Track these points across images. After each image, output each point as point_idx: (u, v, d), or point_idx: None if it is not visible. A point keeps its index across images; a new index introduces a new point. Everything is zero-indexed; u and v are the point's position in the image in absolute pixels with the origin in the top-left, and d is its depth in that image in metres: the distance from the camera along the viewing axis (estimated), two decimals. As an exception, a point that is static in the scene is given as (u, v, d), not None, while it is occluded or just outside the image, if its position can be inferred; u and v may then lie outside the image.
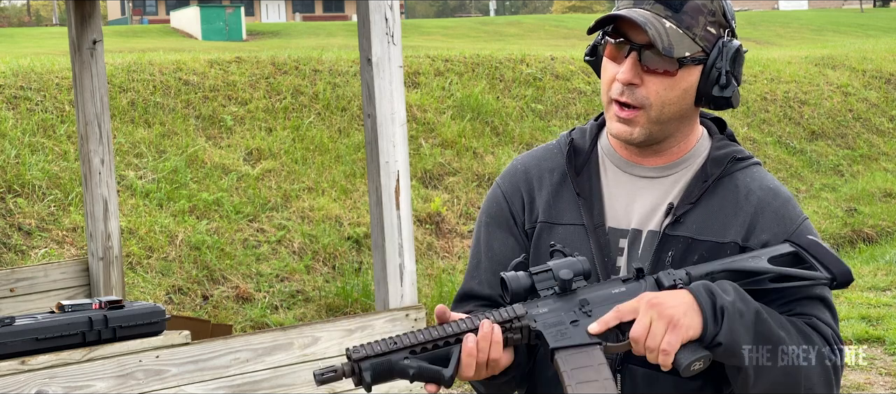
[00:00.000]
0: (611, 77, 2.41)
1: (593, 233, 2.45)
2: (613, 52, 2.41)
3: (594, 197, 2.50)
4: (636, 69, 2.36)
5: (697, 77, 2.38)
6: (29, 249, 9.23)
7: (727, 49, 2.38)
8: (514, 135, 13.82)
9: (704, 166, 2.48)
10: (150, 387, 5.22)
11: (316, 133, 12.18)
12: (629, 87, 2.37)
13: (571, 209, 2.51)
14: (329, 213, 10.91)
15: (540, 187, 2.56)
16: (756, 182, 2.47)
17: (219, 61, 13.04)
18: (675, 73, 2.36)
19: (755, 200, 2.43)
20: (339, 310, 9.60)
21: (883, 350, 8.51)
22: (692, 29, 2.35)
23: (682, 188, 2.47)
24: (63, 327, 5.15)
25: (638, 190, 2.49)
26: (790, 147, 16.42)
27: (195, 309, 9.20)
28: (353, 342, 5.78)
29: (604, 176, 2.53)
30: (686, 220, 2.42)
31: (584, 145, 2.57)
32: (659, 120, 2.40)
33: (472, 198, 12.10)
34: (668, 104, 2.38)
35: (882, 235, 13.91)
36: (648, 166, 2.49)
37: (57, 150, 10.38)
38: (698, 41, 2.36)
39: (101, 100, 7.10)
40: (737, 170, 2.48)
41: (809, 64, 19.36)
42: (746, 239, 2.41)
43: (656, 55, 2.33)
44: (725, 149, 2.50)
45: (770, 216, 2.42)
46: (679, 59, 2.34)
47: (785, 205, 2.45)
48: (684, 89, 2.38)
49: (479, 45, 21.23)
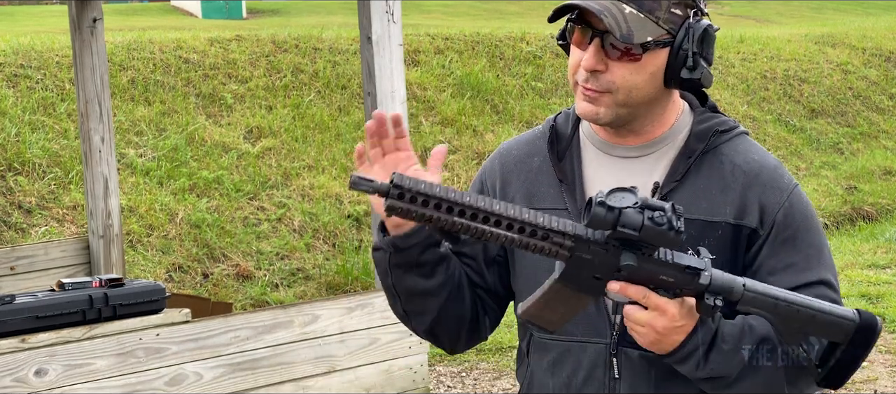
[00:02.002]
0: (576, 63, 2.38)
1: (578, 218, 2.42)
2: (579, 37, 2.38)
3: (576, 181, 2.48)
4: (600, 56, 2.33)
5: (664, 60, 2.35)
6: (29, 228, 9.24)
7: (694, 30, 2.33)
8: (515, 113, 13.82)
9: (688, 142, 2.45)
10: (150, 365, 5.24)
11: (316, 111, 12.18)
12: (593, 73, 2.34)
13: (553, 194, 2.49)
14: (329, 191, 10.92)
15: (518, 171, 2.55)
16: (741, 156, 2.44)
17: (219, 40, 13.02)
18: (639, 58, 2.32)
19: (741, 175, 2.41)
20: (340, 288, 9.62)
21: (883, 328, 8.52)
22: (654, 12, 2.31)
23: (667, 166, 2.44)
24: (63, 305, 5.16)
25: (620, 170, 2.46)
26: (790, 125, 16.41)
27: (195, 287, 9.21)
28: (354, 321, 5.80)
29: (585, 159, 2.51)
30: (672, 198, 2.39)
31: (566, 130, 2.55)
32: (626, 103, 2.36)
33: (472, 176, 12.10)
34: (635, 88, 2.35)
35: (882, 213, 13.92)
36: (629, 146, 2.46)
37: (57, 128, 10.38)
38: (662, 24, 2.32)
39: (101, 78, 7.10)
40: (721, 143, 2.45)
41: (809, 42, 19.34)
42: (739, 217, 2.39)
43: (618, 41, 2.30)
44: (707, 122, 2.47)
45: (759, 190, 2.40)
46: (642, 44, 2.30)
47: (772, 175, 2.42)
48: (651, 73, 2.34)
49: (480, 24, 21.21)
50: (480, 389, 7.43)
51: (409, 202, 2.07)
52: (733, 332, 2.30)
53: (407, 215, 2.09)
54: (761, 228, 2.39)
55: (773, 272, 2.38)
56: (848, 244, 11.86)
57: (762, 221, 2.39)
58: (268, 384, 5.55)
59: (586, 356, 2.44)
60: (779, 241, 2.39)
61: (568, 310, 2.26)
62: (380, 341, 5.86)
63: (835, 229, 13.14)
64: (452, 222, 2.08)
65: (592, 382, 2.44)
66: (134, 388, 5.18)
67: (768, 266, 2.39)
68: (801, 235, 2.40)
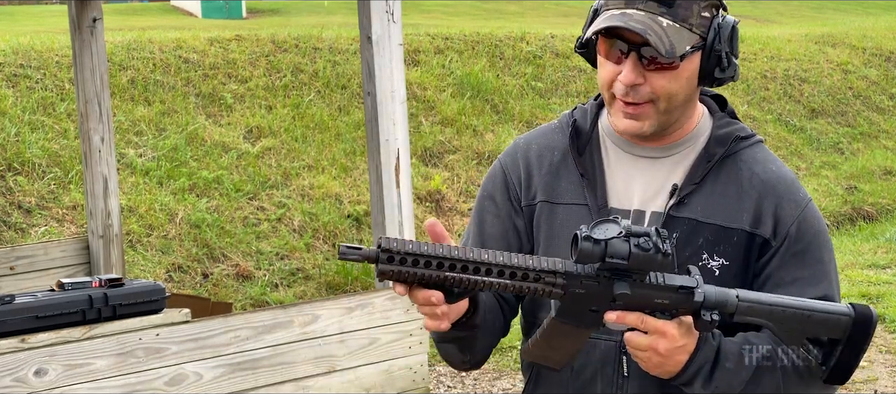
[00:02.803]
0: (611, 76, 2.37)
1: (597, 213, 2.43)
2: (607, 49, 2.37)
3: (597, 177, 2.48)
4: (638, 69, 2.32)
5: (697, 63, 2.35)
6: (29, 228, 9.23)
7: (723, 30, 2.35)
8: (515, 113, 13.81)
9: (707, 146, 2.46)
10: (150, 365, 5.23)
11: (316, 111, 12.17)
12: (633, 87, 2.34)
13: (573, 189, 2.49)
14: (329, 191, 10.91)
15: (540, 165, 2.54)
16: (759, 165, 2.44)
17: (219, 39, 13.02)
18: (677, 67, 2.32)
19: (759, 184, 2.41)
20: (340, 288, 9.61)
21: (883, 328, 8.52)
22: (688, 19, 2.31)
23: (686, 168, 2.45)
24: (63, 305, 5.15)
25: (639, 170, 2.47)
26: (790, 125, 16.40)
27: (195, 287, 9.21)
28: (354, 321, 5.79)
29: (605, 156, 2.50)
30: (690, 201, 2.40)
31: (585, 125, 2.54)
32: (668, 110, 2.37)
33: (472, 176, 12.09)
34: (674, 95, 2.35)
35: (882, 213, 13.92)
36: (650, 146, 2.47)
37: (57, 128, 10.38)
38: (696, 30, 2.32)
39: (101, 78, 7.10)
40: (740, 150, 2.46)
41: (809, 42, 19.33)
42: (755, 226, 2.39)
43: (656, 53, 2.30)
44: (728, 128, 2.48)
45: (775, 201, 2.40)
46: (681, 55, 2.31)
47: (790, 188, 2.43)
48: (687, 78, 2.35)
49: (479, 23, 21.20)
50: (480, 389, 7.43)
51: (400, 264, 2.08)
52: (734, 349, 2.32)
53: (399, 278, 2.10)
54: (774, 240, 2.40)
55: (780, 284, 2.38)
56: (848, 244, 11.86)
57: (776, 233, 2.40)
58: (268, 384, 5.54)
59: (596, 354, 2.45)
60: (789, 254, 2.40)
61: (570, 346, 2.29)
62: (380, 341, 5.86)
63: (835, 229, 13.13)
64: (444, 277, 2.10)
65: (601, 380, 2.45)
66: (134, 388, 5.18)
67: (776, 278, 2.39)
68: (811, 250, 2.41)
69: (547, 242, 2.50)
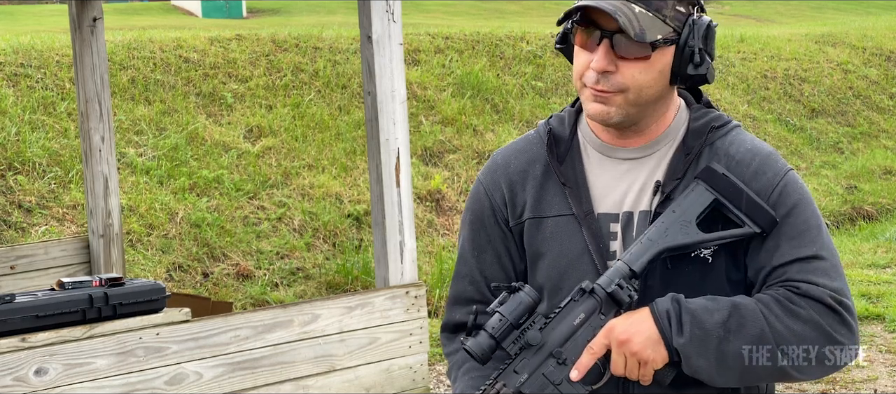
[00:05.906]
0: (584, 65, 2.40)
1: (584, 221, 2.45)
2: (584, 39, 2.40)
3: (580, 184, 2.49)
4: (610, 56, 2.35)
5: (671, 57, 2.38)
6: (29, 227, 9.24)
7: (698, 27, 2.38)
8: (515, 112, 13.81)
9: (685, 139, 2.48)
10: (150, 364, 5.23)
11: (316, 110, 12.18)
12: (604, 74, 2.36)
13: (558, 200, 2.50)
14: (329, 190, 10.92)
15: (523, 181, 2.56)
16: (735, 147, 2.46)
17: (219, 39, 13.02)
18: (648, 57, 2.35)
19: (735, 165, 2.43)
20: (340, 287, 9.61)
21: (883, 328, 8.52)
22: (661, 10, 2.35)
23: (667, 165, 2.47)
24: (63, 304, 5.15)
25: (623, 173, 2.48)
26: (790, 125, 16.41)
27: (195, 286, 9.21)
28: (354, 320, 5.79)
29: (587, 162, 2.52)
30: (675, 195, 2.42)
31: (563, 133, 2.56)
32: (636, 102, 2.39)
33: (472, 175, 12.09)
34: (645, 87, 2.37)
35: (882, 213, 13.92)
36: (630, 148, 2.48)
37: (57, 127, 10.38)
38: (669, 22, 2.35)
39: (101, 77, 7.10)
40: (717, 138, 2.48)
41: (809, 41, 19.33)
42: None
43: (628, 41, 2.33)
44: (703, 119, 2.50)
45: (752, 177, 2.42)
46: (652, 42, 2.33)
47: (765, 161, 2.45)
48: (659, 71, 2.38)
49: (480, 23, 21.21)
50: (480, 388, 7.42)
51: None
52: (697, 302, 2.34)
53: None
54: None
55: (770, 249, 2.40)
56: (848, 244, 11.86)
57: None
58: (268, 384, 5.54)
59: None
60: None
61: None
62: (380, 340, 5.86)
63: (835, 229, 13.14)
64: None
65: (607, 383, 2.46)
66: (134, 387, 5.18)
67: (767, 246, 2.40)
68: (796, 211, 2.42)
69: (532, 260, 2.53)
